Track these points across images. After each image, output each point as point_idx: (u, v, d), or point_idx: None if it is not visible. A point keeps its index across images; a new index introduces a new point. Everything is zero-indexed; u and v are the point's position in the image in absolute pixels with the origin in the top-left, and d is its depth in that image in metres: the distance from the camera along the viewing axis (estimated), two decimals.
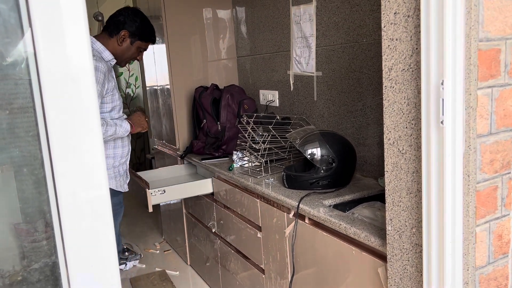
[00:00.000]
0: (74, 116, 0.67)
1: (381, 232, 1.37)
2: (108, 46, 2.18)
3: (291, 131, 2.11)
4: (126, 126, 2.16)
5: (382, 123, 1.21)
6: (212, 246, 2.70)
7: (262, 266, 2.12)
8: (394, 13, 1.12)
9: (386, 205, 1.25)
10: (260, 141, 2.22)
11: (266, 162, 2.29)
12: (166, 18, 2.92)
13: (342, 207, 1.75)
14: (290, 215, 1.80)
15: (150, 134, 3.85)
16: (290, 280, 1.83)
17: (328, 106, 2.27)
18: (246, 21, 2.97)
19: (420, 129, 1.08)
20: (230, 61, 3.18)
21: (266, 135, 2.20)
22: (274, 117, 2.35)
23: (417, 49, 1.07)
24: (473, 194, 1.06)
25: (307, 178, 1.87)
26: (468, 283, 1.09)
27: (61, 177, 0.66)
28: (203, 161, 2.64)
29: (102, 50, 2.15)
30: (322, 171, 1.85)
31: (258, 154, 2.27)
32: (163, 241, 3.69)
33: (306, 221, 1.71)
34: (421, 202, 1.10)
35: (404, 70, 1.12)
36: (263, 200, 2.02)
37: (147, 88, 3.63)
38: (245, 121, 2.33)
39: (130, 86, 5.64)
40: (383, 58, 1.17)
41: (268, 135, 2.20)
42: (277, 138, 2.21)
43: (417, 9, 1.05)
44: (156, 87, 3.35)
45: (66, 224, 0.67)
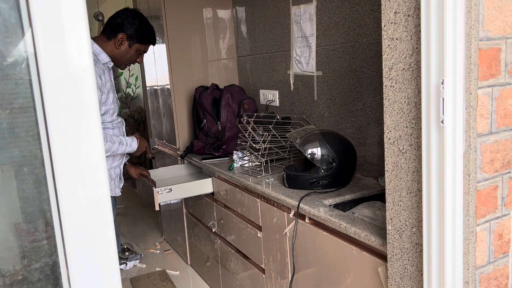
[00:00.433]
0: (74, 115, 0.67)
1: (381, 231, 1.37)
2: (106, 49, 2.14)
3: (291, 131, 2.11)
4: (134, 146, 2.24)
5: (382, 123, 1.21)
6: (212, 246, 2.70)
7: (262, 266, 2.12)
8: (394, 12, 1.12)
9: (387, 204, 1.25)
10: (260, 140, 2.22)
11: (266, 162, 2.29)
12: (166, 18, 2.92)
13: (343, 207, 1.75)
14: (291, 215, 1.80)
15: (151, 134, 3.84)
16: (290, 279, 1.83)
17: (328, 105, 2.27)
18: (246, 21, 2.97)
19: (420, 128, 1.08)
20: (230, 61, 3.18)
21: (266, 135, 2.20)
22: (274, 116, 2.35)
23: (417, 48, 1.07)
24: (473, 194, 1.06)
25: (307, 178, 1.87)
26: (468, 283, 1.09)
27: (61, 176, 0.66)
28: (204, 161, 2.64)
29: (98, 52, 2.11)
30: (322, 171, 1.85)
31: (258, 154, 2.27)
32: (164, 241, 3.69)
33: (307, 220, 1.71)
34: (421, 202, 1.10)
35: (404, 69, 1.12)
36: (264, 199, 2.02)
37: (147, 88, 3.63)
38: (245, 121, 2.33)
39: (130, 86, 5.64)
40: (383, 57, 1.17)
41: (268, 135, 2.20)
42: (277, 137, 2.21)
43: (417, 8, 1.05)
44: (156, 87, 3.35)
45: (66, 223, 0.67)
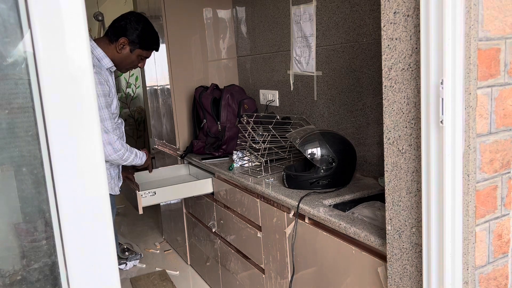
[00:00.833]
0: (73, 115, 0.67)
1: (381, 231, 1.37)
2: (108, 52, 2.11)
3: (291, 131, 2.11)
4: (144, 159, 2.29)
5: (382, 123, 1.21)
6: (212, 246, 2.70)
7: (262, 266, 2.12)
8: (394, 12, 1.12)
9: (386, 204, 1.25)
10: (260, 141, 2.22)
11: (266, 162, 2.29)
12: (166, 18, 2.92)
13: (342, 207, 1.75)
14: (290, 215, 1.80)
15: (150, 134, 3.85)
16: (290, 279, 1.83)
17: (328, 105, 2.27)
18: (246, 21, 2.97)
19: (419, 128, 1.08)
20: (230, 61, 3.18)
21: (266, 135, 2.20)
22: (274, 117, 2.35)
23: (416, 48, 1.07)
24: (472, 194, 1.06)
25: (307, 178, 1.87)
26: (468, 283, 1.09)
27: (60, 176, 0.66)
28: (203, 161, 2.64)
29: (102, 57, 2.09)
30: (322, 171, 1.85)
31: (258, 154, 2.27)
32: (163, 241, 3.69)
33: (306, 220, 1.71)
34: (421, 202, 1.10)
35: (403, 69, 1.12)
36: (263, 200, 2.02)
37: (147, 88, 3.63)
38: (245, 121, 2.33)
39: (130, 86, 5.65)
40: (383, 57, 1.17)
41: (268, 135, 2.20)
42: (277, 138, 2.21)
43: (416, 8, 1.05)
44: (156, 87, 3.36)
45: (65, 223, 0.67)
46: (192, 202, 2.94)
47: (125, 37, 2.11)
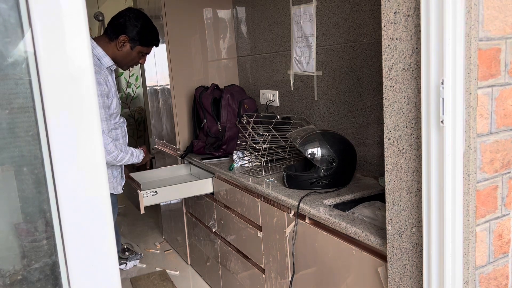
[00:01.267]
0: (74, 115, 0.67)
1: (381, 231, 1.37)
2: (108, 51, 2.11)
3: (292, 131, 2.11)
4: (141, 157, 2.26)
5: (382, 123, 1.21)
6: (212, 246, 2.70)
7: (262, 266, 2.12)
8: (394, 12, 1.12)
9: (386, 204, 1.25)
10: (260, 141, 2.22)
11: (266, 162, 2.29)
12: (167, 18, 2.92)
13: (342, 207, 1.75)
14: (291, 215, 1.80)
15: (151, 134, 3.85)
16: (290, 279, 1.83)
17: (328, 105, 2.27)
18: (247, 21, 2.97)
19: (420, 128, 1.08)
20: (230, 61, 3.18)
21: (266, 135, 2.20)
22: (275, 116, 2.35)
23: (417, 48, 1.07)
24: (473, 194, 1.06)
25: (307, 178, 1.87)
26: (468, 283, 1.09)
27: (61, 176, 0.66)
28: (204, 161, 2.64)
29: (102, 56, 2.08)
30: (322, 171, 1.85)
31: (259, 154, 2.27)
32: (164, 241, 3.69)
33: (307, 220, 1.71)
34: (421, 202, 1.10)
35: (404, 69, 1.12)
36: (264, 199, 2.02)
37: (148, 88, 3.63)
38: (245, 121, 2.33)
39: (131, 86, 5.64)
40: (383, 57, 1.17)
41: (268, 135, 2.20)
42: (277, 137, 2.21)
43: (417, 8, 1.05)
44: (156, 87, 3.36)
45: (66, 223, 0.67)
46: (192, 202, 2.94)
47: (125, 34, 2.10)
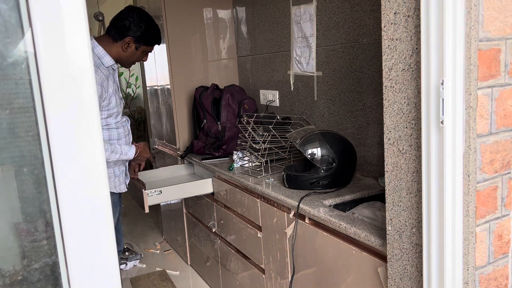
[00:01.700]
0: (74, 116, 0.67)
1: (381, 232, 1.37)
2: (111, 51, 2.11)
3: (292, 131, 2.11)
4: (130, 155, 2.17)
5: (382, 123, 1.21)
6: (212, 246, 2.70)
7: (262, 266, 2.12)
8: (394, 13, 1.12)
9: (386, 205, 1.25)
10: (260, 141, 2.22)
11: (266, 162, 2.29)
12: (167, 18, 2.92)
13: (342, 207, 1.75)
14: (290, 215, 1.80)
15: (151, 134, 3.85)
16: (290, 280, 1.83)
17: (328, 106, 2.27)
18: (247, 21, 2.97)
19: (420, 129, 1.08)
20: (230, 61, 3.18)
21: (266, 135, 2.20)
22: (275, 117, 2.35)
23: (417, 49, 1.07)
24: (473, 194, 1.06)
25: (307, 178, 1.87)
26: (468, 283, 1.09)
27: (61, 176, 0.66)
28: (204, 161, 2.64)
29: (102, 55, 2.08)
30: (322, 171, 1.85)
31: (259, 154, 2.27)
32: (164, 241, 3.69)
33: (306, 221, 1.71)
34: (421, 202, 1.10)
35: (404, 70, 1.12)
36: (263, 200, 2.02)
37: (148, 88, 3.63)
38: (245, 121, 2.33)
39: (131, 86, 5.65)
40: (383, 58, 1.17)
41: (268, 135, 2.20)
42: (277, 138, 2.21)
43: (417, 9, 1.05)
44: (156, 87, 3.36)
45: (66, 223, 0.67)
46: (192, 202, 2.94)
47: (130, 36, 2.12)
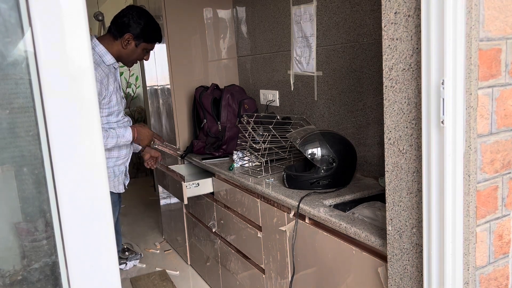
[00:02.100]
0: (74, 115, 0.67)
1: (381, 232, 1.37)
2: (112, 49, 2.13)
3: (292, 131, 2.11)
4: (128, 135, 2.13)
5: (383, 123, 1.21)
6: (212, 246, 2.70)
7: (262, 266, 2.12)
8: (395, 12, 1.12)
9: (387, 205, 1.24)
10: (260, 141, 2.22)
11: (266, 162, 2.29)
12: (167, 17, 2.91)
13: (343, 207, 1.75)
14: (291, 215, 1.80)
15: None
16: (290, 280, 1.83)
17: (328, 106, 2.27)
18: (247, 20, 2.97)
19: (420, 129, 1.08)
20: (230, 61, 3.18)
21: (266, 135, 2.20)
22: (275, 117, 2.35)
23: (417, 48, 1.07)
24: (473, 194, 1.06)
25: (308, 178, 1.87)
26: (468, 283, 1.09)
27: (61, 176, 0.66)
28: (204, 161, 2.64)
29: (103, 54, 2.10)
30: (322, 171, 1.85)
31: (259, 154, 2.27)
32: (164, 241, 3.69)
33: (307, 221, 1.71)
34: (421, 202, 1.10)
35: (404, 69, 1.12)
36: (264, 200, 2.02)
37: (148, 88, 3.63)
38: (245, 121, 2.33)
39: (131, 86, 5.64)
40: (384, 57, 1.17)
41: (268, 135, 2.20)
42: (277, 138, 2.21)
43: (417, 8, 1.05)
44: (156, 87, 3.35)
45: (66, 223, 0.67)
46: (192, 202, 2.94)
47: (129, 33, 2.13)
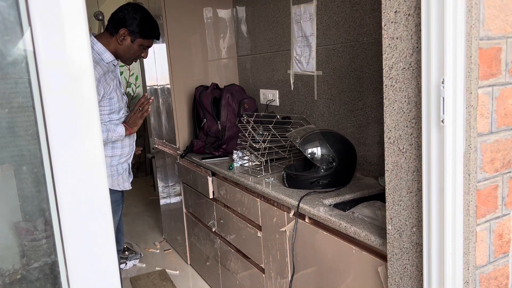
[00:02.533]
0: (73, 114, 0.67)
1: (381, 231, 1.37)
2: (109, 46, 2.11)
3: (291, 130, 2.11)
4: (120, 130, 2.10)
5: (383, 122, 1.21)
6: (212, 245, 2.70)
7: (262, 266, 2.11)
8: (395, 11, 1.11)
9: (387, 204, 1.24)
10: (260, 140, 2.22)
11: (266, 162, 2.29)
12: (167, 17, 2.91)
13: (342, 207, 1.75)
14: (290, 215, 1.80)
15: (150, 133, 3.84)
16: (290, 279, 1.83)
17: (328, 105, 2.27)
18: (247, 20, 2.97)
19: (420, 128, 1.07)
20: (230, 60, 3.18)
21: (266, 135, 2.20)
22: (275, 116, 2.35)
23: (417, 47, 1.07)
24: (473, 193, 1.06)
25: (307, 178, 1.87)
26: (468, 282, 1.09)
27: (60, 175, 0.66)
28: (204, 160, 2.64)
29: (102, 52, 2.08)
30: (322, 171, 1.84)
31: (258, 154, 2.27)
32: (163, 240, 3.69)
33: (306, 220, 1.71)
34: (421, 201, 1.10)
35: (404, 69, 1.11)
36: (263, 199, 2.01)
37: (148, 87, 3.62)
38: (245, 120, 2.33)
39: (131, 85, 5.64)
40: (384, 57, 1.17)
41: (268, 135, 2.20)
42: (277, 137, 2.21)
43: (417, 7, 1.05)
44: (156, 87, 3.35)
45: (65, 222, 0.67)
46: (192, 201, 2.94)
47: (124, 28, 2.10)
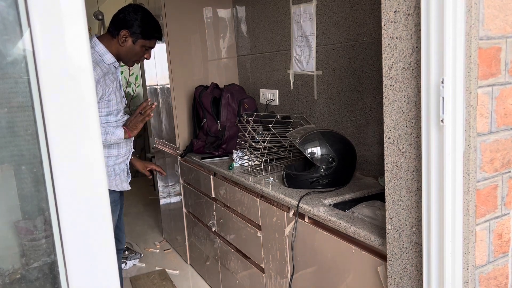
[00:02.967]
0: (72, 114, 0.67)
1: (381, 231, 1.37)
2: (111, 47, 2.10)
3: (291, 130, 2.11)
4: (119, 133, 2.09)
5: (382, 122, 1.21)
6: (212, 245, 2.70)
7: (262, 265, 2.12)
8: (394, 11, 1.11)
9: (386, 204, 1.24)
10: (260, 140, 2.22)
11: (266, 161, 2.29)
12: (167, 17, 2.91)
13: (342, 206, 1.75)
14: (290, 214, 1.80)
15: (150, 133, 3.84)
16: (290, 279, 1.83)
17: (328, 105, 2.27)
18: (247, 20, 2.97)
19: (420, 127, 1.07)
20: (230, 60, 3.18)
21: (266, 134, 2.20)
22: (274, 116, 2.35)
23: (417, 47, 1.07)
24: (473, 193, 1.06)
25: (307, 177, 1.87)
26: (468, 282, 1.09)
27: (59, 175, 0.66)
28: (203, 160, 2.64)
29: (103, 53, 2.07)
30: (322, 170, 1.84)
31: (258, 153, 2.27)
32: (163, 240, 3.69)
33: (306, 220, 1.71)
34: (421, 201, 1.10)
35: (404, 68, 1.11)
36: (263, 199, 2.01)
37: (147, 87, 3.63)
38: (245, 120, 2.33)
39: (131, 85, 5.64)
40: (383, 56, 1.17)
41: (268, 134, 2.20)
42: (277, 137, 2.21)
43: (417, 7, 1.05)
44: (156, 86, 3.35)
45: (64, 222, 0.67)
46: (192, 201, 2.94)
47: (125, 29, 2.08)
